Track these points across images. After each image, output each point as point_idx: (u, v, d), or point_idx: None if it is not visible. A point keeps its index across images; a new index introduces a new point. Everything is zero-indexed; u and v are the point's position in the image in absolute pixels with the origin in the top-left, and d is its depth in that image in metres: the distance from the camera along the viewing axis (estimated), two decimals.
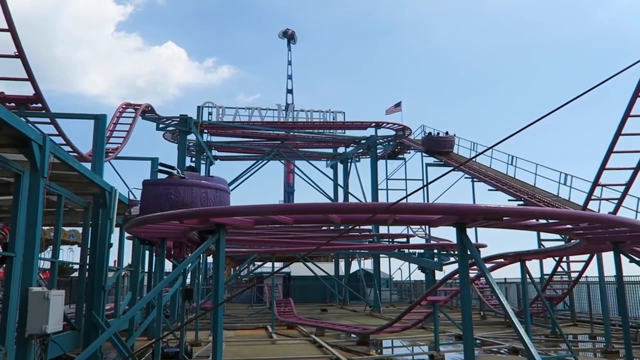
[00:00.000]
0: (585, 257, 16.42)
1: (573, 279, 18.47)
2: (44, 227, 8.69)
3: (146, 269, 16.31)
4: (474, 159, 27.03)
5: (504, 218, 6.65)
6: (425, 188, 27.48)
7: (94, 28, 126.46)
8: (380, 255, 30.92)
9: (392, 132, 33.56)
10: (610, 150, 14.81)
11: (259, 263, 35.16)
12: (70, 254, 37.80)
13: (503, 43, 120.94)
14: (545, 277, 20.49)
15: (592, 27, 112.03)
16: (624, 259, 9.26)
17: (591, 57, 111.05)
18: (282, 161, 39.30)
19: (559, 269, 18.82)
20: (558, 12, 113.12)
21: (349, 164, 36.22)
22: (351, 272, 37.42)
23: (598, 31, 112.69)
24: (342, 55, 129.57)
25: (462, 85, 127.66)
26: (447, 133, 30.34)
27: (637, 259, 13.88)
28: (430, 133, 30.68)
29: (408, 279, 38.60)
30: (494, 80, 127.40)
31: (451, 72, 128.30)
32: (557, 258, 17.63)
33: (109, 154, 19.18)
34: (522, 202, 21.54)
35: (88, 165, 10.62)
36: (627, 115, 14.40)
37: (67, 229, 23.49)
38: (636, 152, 14.71)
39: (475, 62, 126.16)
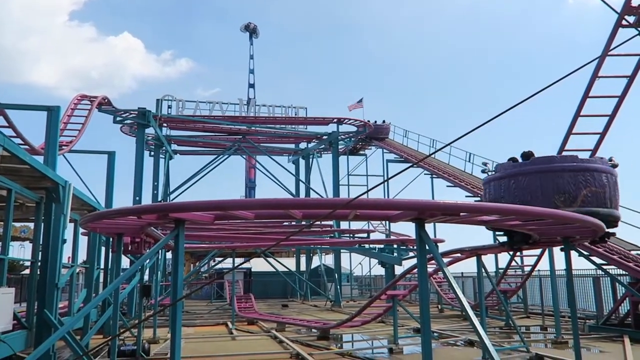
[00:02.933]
0: (538, 251, 17.00)
1: (526, 272, 19.10)
2: None
3: (102, 266, 15.90)
4: (432, 156, 27.53)
5: (461, 214, 6.79)
6: (385, 184, 27.88)
7: (45, 16, 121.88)
8: (341, 251, 31.15)
9: (354, 129, 33.82)
10: (561, 149, 15.39)
11: (220, 259, 34.86)
12: (22, 251, 36.46)
13: (464, 42, 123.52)
14: (500, 271, 21.12)
15: (547, 29, 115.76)
16: (573, 254, 9.64)
17: (546, 58, 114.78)
18: (244, 156, 38.97)
19: (513, 263, 19.43)
20: (516, 15, 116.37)
21: (310, 160, 36.29)
22: (312, 267, 37.54)
23: (552, 33, 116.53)
24: (304, 51, 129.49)
25: (423, 83, 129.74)
26: (383, 121, 34.54)
27: (585, 253, 14.50)
28: (368, 121, 33.66)
29: (368, 273, 39.07)
30: (453, 79, 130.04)
31: (412, 69, 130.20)
32: (511, 253, 18.16)
33: (63, 147, 18.56)
34: (478, 199, 22.09)
35: (40, 159, 10.26)
36: (577, 115, 14.99)
37: (18, 224, 22.64)
38: (587, 150, 15.33)
39: (435, 60, 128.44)
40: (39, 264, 10.16)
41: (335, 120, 32.77)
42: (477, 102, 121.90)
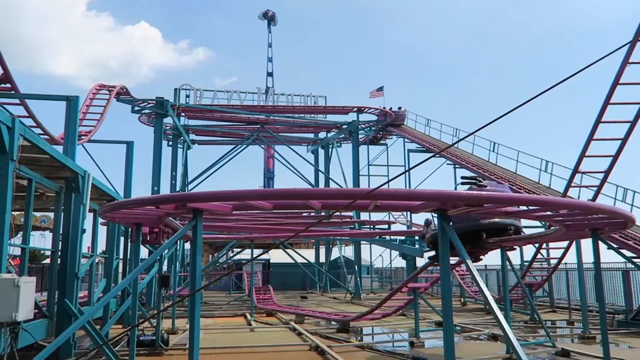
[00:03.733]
0: (565, 244, 16.76)
1: (552, 265, 18.85)
2: (13, 213, 8.53)
3: (121, 256, 16.16)
4: (455, 145, 27.25)
5: (485, 205, 6.72)
6: (407, 174, 27.73)
7: (64, 6, 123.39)
8: (361, 242, 31.13)
9: (374, 118, 33.66)
10: (590, 138, 15.07)
11: (238, 250, 35.13)
12: (42, 240, 37.24)
13: (487, 28, 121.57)
14: (525, 264, 20.89)
15: (576, 12, 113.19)
16: (602, 246, 9.47)
17: (574, 43, 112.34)
18: (262, 146, 39.07)
19: (539, 256, 19.20)
20: None
21: (330, 149, 36.24)
22: (332, 259, 37.62)
23: (581, 16, 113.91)
24: (323, 38, 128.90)
25: (445, 71, 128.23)
26: (399, 108, 34.47)
27: (614, 245, 14.25)
28: (384, 107, 33.95)
29: (389, 266, 39.02)
30: (477, 66, 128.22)
31: (434, 57, 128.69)
32: (536, 245, 17.95)
33: (82, 137, 18.85)
34: None
35: (60, 149, 10.44)
36: (607, 102, 14.63)
37: (38, 214, 23.13)
38: (616, 139, 14.99)
39: (458, 47, 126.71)
40: (59, 253, 10.37)
41: (355, 109, 32.63)
42: (504, 88, 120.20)
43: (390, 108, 34.21)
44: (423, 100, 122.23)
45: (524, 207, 7.87)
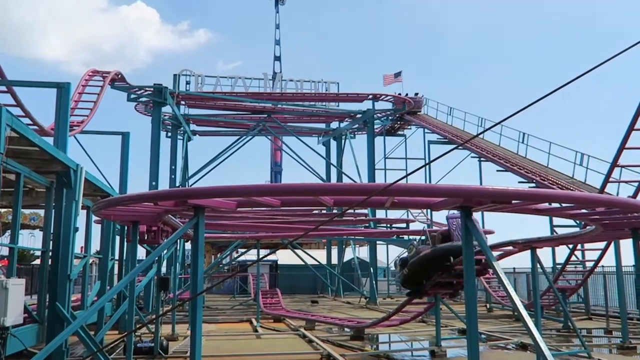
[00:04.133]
0: (602, 244, 16.61)
1: (588, 268, 18.70)
2: (0, 209, 8.64)
3: (117, 256, 16.30)
4: (480, 136, 27.11)
5: (514, 201, 6.68)
6: (427, 167, 27.62)
7: None
8: (377, 242, 31.12)
9: (391, 106, 33.57)
10: (631, 128, 14.88)
11: (243, 250, 35.29)
12: (32, 239, 37.69)
13: (514, 8, 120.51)
14: (557, 266, 20.75)
15: None
16: None
17: (610, 26, 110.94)
18: (269, 137, 39.14)
19: (573, 258, 19.05)
20: None
21: (343, 141, 36.21)
22: (345, 260, 37.67)
23: None
24: (335, 19, 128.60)
25: (467, 54, 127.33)
26: (416, 94, 34.54)
27: None
28: (399, 94, 34.02)
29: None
30: (504, 50, 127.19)
31: (455, 39, 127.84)
32: (570, 246, 17.82)
33: (74, 128, 19.00)
34: (533, 184, 21.70)
35: (50, 141, 10.52)
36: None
37: (27, 211, 23.36)
38: None
39: (482, 29, 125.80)
40: (50, 253, 10.47)
41: (370, 96, 32.56)
42: (535, 74, 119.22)
43: (407, 94, 34.13)
44: (445, 87, 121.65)
45: (557, 205, 7.81)
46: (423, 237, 13.33)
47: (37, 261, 29.85)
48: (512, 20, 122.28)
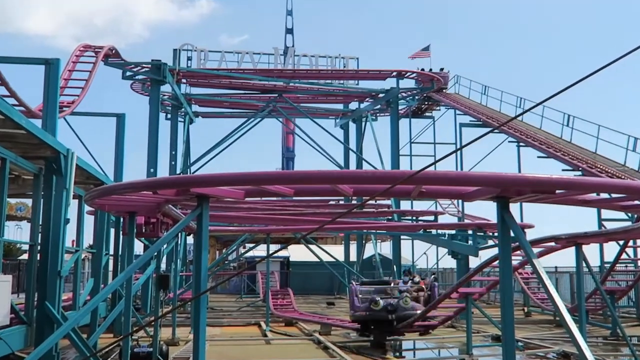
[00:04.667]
0: None
1: None
2: None
3: (111, 251, 16.48)
4: (519, 118, 26.84)
5: (557, 191, 6.62)
6: (458, 153, 27.40)
7: None
8: (402, 237, 31.05)
9: (414, 83, 33.34)
10: None
11: (251, 245, 35.45)
12: (18, 232, 38.25)
13: None
14: (605, 265, 20.57)
15: None
16: None
17: None
18: (280, 119, 39.13)
19: (623, 256, 18.87)
20: None
21: (363, 123, 36.06)
22: (365, 257, 37.67)
23: None
24: None
25: (507, 28, 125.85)
26: (441, 69, 34.55)
27: None
28: (423, 69, 33.72)
29: (435, 266, 38.90)
30: (548, 22, 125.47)
31: (494, 10, 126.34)
32: (621, 242, 17.64)
33: (64, 109, 19.15)
34: (579, 173, 21.47)
35: (38, 123, 10.62)
36: None
37: (13, 201, 23.67)
38: None
39: None
40: (39, 247, 10.61)
41: (394, 73, 32.31)
42: (582, 49, 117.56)
43: (430, 69, 33.88)
44: (479, 64, 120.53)
45: (606, 195, 7.72)
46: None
47: (25, 256, 30.32)
48: None
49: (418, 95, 33.75)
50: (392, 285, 15.81)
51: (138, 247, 22.05)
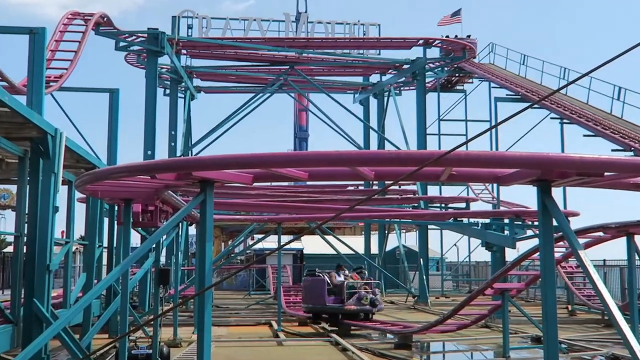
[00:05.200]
0: None
1: None
2: None
3: (105, 243, 16.61)
4: (562, 91, 26.61)
5: (606, 173, 6.56)
6: (493, 131, 27.27)
7: None
8: (429, 227, 31.02)
9: (439, 52, 33.15)
10: None
11: (260, 236, 35.58)
12: (2, 222, 38.69)
13: None
14: None
15: None
16: None
17: None
18: (292, 94, 39.10)
19: None
20: None
21: (385, 99, 35.95)
22: (388, 249, 37.71)
23: None
24: None
25: None
26: (468, 36, 34.51)
27: None
28: (447, 36, 33.81)
29: (467, 259, 38.85)
30: None
31: None
32: None
33: (51, 84, 19.25)
34: (631, 153, 21.28)
35: (23, 100, 10.67)
36: None
37: None
38: None
39: None
40: (25, 239, 10.71)
41: (420, 41, 32.09)
42: (636, 11, 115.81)
43: (456, 36, 33.62)
44: (516, 32, 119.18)
45: None
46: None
47: (10, 248, 30.69)
48: None
49: (448, 66, 33.52)
50: (332, 279, 18.81)
51: (135, 238, 22.27)
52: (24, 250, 10.67)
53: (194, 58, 33.44)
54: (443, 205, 26.32)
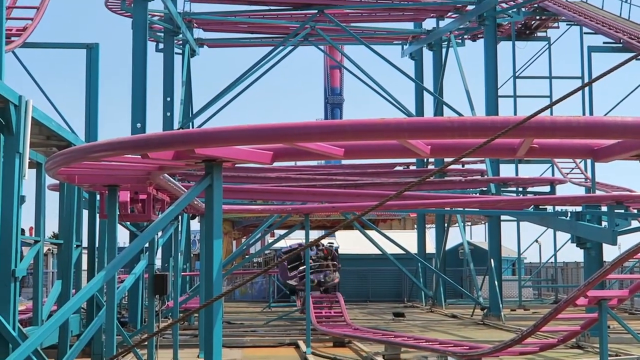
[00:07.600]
0: None
1: None
2: None
3: (85, 242, 16.77)
4: None
5: None
6: (586, 89, 26.97)
7: None
8: (502, 218, 30.87)
9: None
10: None
11: (283, 231, 35.72)
12: None
13: None
14: None
15: None
16: None
17: None
18: (321, 47, 38.99)
19: None
20: None
21: (444, 51, 35.68)
22: (448, 248, 37.60)
23: None
24: None
25: None
26: None
27: None
28: None
29: (552, 260, 38.59)
30: None
31: None
32: None
33: (13, 38, 19.43)
34: None
35: None
36: None
37: None
38: None
39: None
40: None
41: None
42: None
43: None
44: None
45: None
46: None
47: None
48: None
49: (526, 5, 33.07)
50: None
51: (122, 235, 22.49)
52: None
53: (194, 2, 33.41)
54: (520, 189, 26.16)
